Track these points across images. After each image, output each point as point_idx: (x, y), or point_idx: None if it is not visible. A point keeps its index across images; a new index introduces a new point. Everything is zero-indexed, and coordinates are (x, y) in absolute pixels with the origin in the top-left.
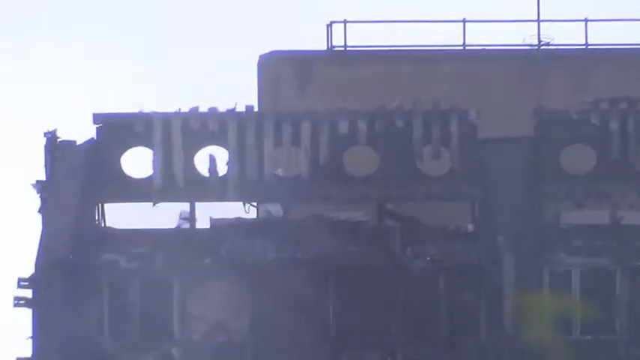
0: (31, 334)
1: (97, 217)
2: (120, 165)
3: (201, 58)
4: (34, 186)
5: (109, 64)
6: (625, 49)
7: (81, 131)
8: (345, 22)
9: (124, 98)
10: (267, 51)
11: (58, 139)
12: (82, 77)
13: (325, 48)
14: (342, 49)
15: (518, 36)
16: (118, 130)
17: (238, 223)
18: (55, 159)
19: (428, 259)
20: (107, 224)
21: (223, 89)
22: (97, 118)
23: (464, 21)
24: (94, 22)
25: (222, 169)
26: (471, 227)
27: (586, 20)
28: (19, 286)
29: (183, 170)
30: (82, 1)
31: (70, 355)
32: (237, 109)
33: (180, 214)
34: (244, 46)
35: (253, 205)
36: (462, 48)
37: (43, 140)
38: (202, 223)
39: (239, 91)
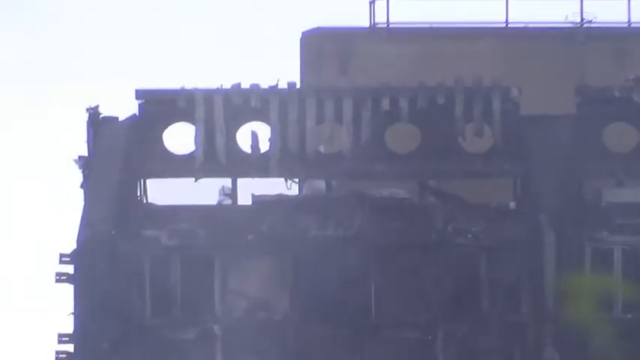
0: (72, 310)
1: (138, 193)
2: (162, 141)
3: (244, 34)
4: (77, 162)
5: (152, 39)
6: None
7: (124, 107)
8: None
9: (167, 74)
10: (309, 27)
11: (101, 115)
12: (126, 53)
13: (368, 25)
14: (385, 26)
15: (561, 13)
16: (161, 106)
17: (280, 200)
18: (98, 135)
19: (469, 236)
20: (149, 200)
21: (266, 66)
22: (140, 93)
23: None
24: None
25: (264, 146)
26: (512, 205)
27: None
28: (61, 262)
29: (225, 146)
30: None
31: (111, 331)
32: (280, 86)
33: (222, 189)
34: (287, 22)
35: (295, 182)
36: (504, 25)
37: (86, 116)
38: (244, 199)
39: (282, 68)
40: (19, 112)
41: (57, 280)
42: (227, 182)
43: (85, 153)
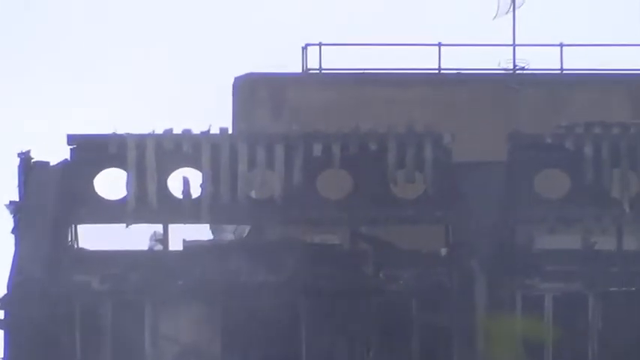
0: (2, 356)
1: (70, 238)
2: (93, 186)
3: (175, 79)
4: (8, 206)
5: (84, 83)
6: (600, 73)
7: (55, 152)
8: (320, 44)
9: (98, 119)
10: (242, 73)
11: (32, 160)
12: (56, 98)
13: (300, 70)
14: (317, 71)
15: (494, 60)
16: (92, 151)
17: (211, 245)
18: (29, 179)
19: (401, 282)
20: (80, 245)
21: (198, 111)
22: (71, 138)
23: (439, 45)
24: (70, 42)
25: (195, 191)
26: (444, 251)
27: (561, 45)
28: None
29: (156, 192)
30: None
31: None
32: (212, 131)
33: (154, 235)
34: (219, 68)
35: (226, 228)
36: (437, 72)
37: (17, 161)
38: (175, 244)
39: (214, 114)
40: None
41: None
42: (159, 228)
43: (17, 198)
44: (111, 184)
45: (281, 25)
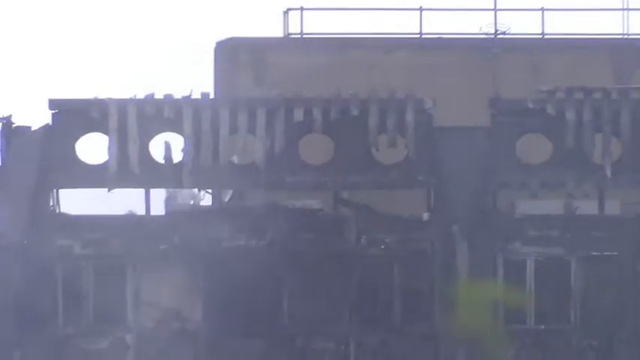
0: None
1: (51, 203)
2: (75, 151)
3: (157, 44)
4: None
5: (65, 49)
6: (581, 39)
7: (36, 117)
8: (301, 9)
9: (80, 84)
10: (223, 38)
11: (13, 125)
12: (38, 62)
13: (282, 35)
14: (299, 36)
15: (475, 25)
16: (74, 116)
17: (193, 210)
18: (10, 144)
19: (382, 247)
20: (62, 210)
21: (179, 76)
22: (53, 103)
23: (420, 9)
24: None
25: (177, 156)
26: (426, 216)
27: (542, 9)
28: None
29: (138, 156)
30: None
31: (24, 340)
32: (193, 96)
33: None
34: (201, 32)
35: (208, 192)
36: (418, 36)
37: None
38: (157, 209)
39: (195, 78)
40: None
41: None
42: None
43: None
44: (93, 148)
45: None
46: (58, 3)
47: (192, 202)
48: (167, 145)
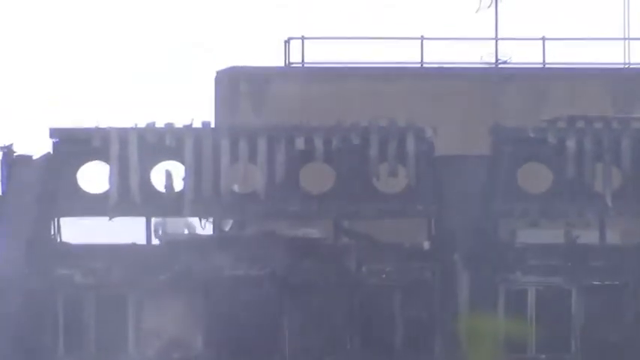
0: None
1: (52, 232)
2: (76, 179)
3: (158, 73)
4: None
5: (66, 78)
6: (582, 68)
7: (37, 145)
8: (302, 38)
9: (81, 113)
10: (224, 67)
11: (15, 154)
12: (40, 91)
13: (283, 64)
14: (300, 65)
15: (476, 54)
16: (75, 145)
17: (193, 239)
18: (11, 173)
19: (383, 276)
20: (63, 239)
21: (180, 105)
22: (54, 132)
23: (421, 38)
24: (53, 34)
25: (178, 185)
26: (426, 245)
27: (544, 39)
28: None
29: (139, 185)
30: (42, 11)
31: None
32: (194, 125)
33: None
34: (202, 61)
35: (209, 221)
36: (419, 66)
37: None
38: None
39: (196, 107)
40: None
41: None
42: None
43: None
44: (94, 177)
45: (263, 19)
46: (58, 31)
47: (186, 232)
48: (168, 174)
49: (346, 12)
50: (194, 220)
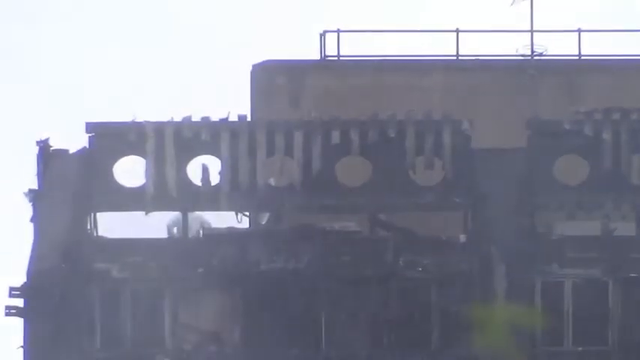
0: (22, 344)
1: (89, 226)
2: (112, 174)
3: (194, 67)
4: (27, 195)
5: (102, 72)
6: (618, 59)
7: (74, 140)
8: (338, 31)
9: (117, 107)
10: (260, 60)
11: (51, 148)
12: (76, 85)
13: (318, 57)
14: (335, 58)
15: (512, 46)
16: (111, 139)
17: (230, 233)
18: (48, 168)
19: (420, 269)
20: (99, 233)
21: (216, 99)
22: (90, 126)
23: (457, 31)
24: (89, 30)
25: (214, 179)
26: (463, 238)
27: (579, 31)
28: (11, 296)
29: (175, 179)
30: (76, 7)
31: None
32: (230, 119)
33: (171, 222)
34: (238, 55)
35: (245, 215)
36: (454, 58)
37: (36, 149)
38: (195, 232)
39: (232, 101)
40: None
41: (6, 314)
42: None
43: (35, 186)
44: (130, 171)
45: (299, 12)
46: (96, 26)
47: (200, 228)
48: (204, 168)
49: (382, 5)
50: (208, 217)
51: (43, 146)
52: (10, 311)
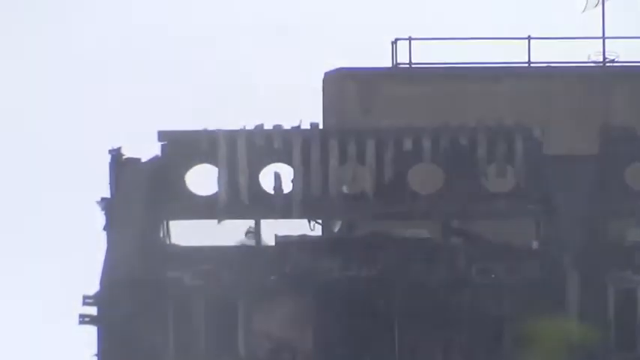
0: (96, 352)
1: (161, 234)
2: (185, 182)
3: (267, 75)
4: (99, 203)
5: (174, 80)
6: None
7: (146, 148)
8: (409, 39)
9: (189, 115)
10: (332, 68)
11: (123, 157)
12: (148, 94)
13: (390, 65)
14: (407, 66)
15: (583, 53)
16: (183, 148)
17: (303, 241)
18: (120, 176)
19: (493, 276)
20: (172, 241)
21: (289, 107)
22: (162, 135)
23: (529, 38)
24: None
25: (287, 187)
26: (535, 245)
27: None
28: (84, 304)
29: (248, 187)
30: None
31: None
32: (302, 127)
33: (248, 229)
34: (310, 63)
35: (318, 223)
36: (526, 65)
37: (108, 157)
38: (268, 240)
39: (304, 109)
40: (41, 154)
41: (80, 322)
42: (250, 223)
43: (108, 195)
44: (202, 180)
45: (371, 20)
46: (169, 34)
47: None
48: (277, 176)
49: (452, 12)
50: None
51: (116, 155)
52: (84, 319)
